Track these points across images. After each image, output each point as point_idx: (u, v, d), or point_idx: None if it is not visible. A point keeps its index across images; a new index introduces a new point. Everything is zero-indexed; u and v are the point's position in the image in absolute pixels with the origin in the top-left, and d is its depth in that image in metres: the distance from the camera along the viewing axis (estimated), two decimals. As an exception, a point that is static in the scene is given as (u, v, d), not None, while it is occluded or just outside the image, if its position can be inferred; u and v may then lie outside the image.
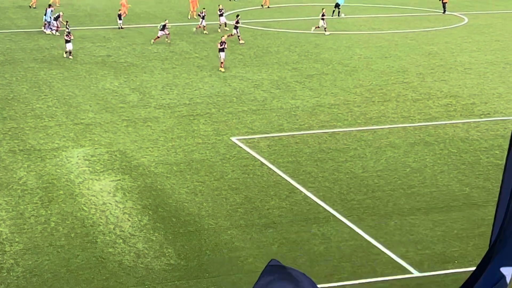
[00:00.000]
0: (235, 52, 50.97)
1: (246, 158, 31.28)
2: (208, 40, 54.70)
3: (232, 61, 48.12)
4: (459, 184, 28.13)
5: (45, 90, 41.42)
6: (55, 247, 23.59)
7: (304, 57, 49.05)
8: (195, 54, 50.07)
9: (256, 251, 23.30)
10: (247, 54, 50.32)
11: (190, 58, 48.93)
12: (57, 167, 30.34)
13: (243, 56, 49.72)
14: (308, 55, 49.77)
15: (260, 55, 50.00)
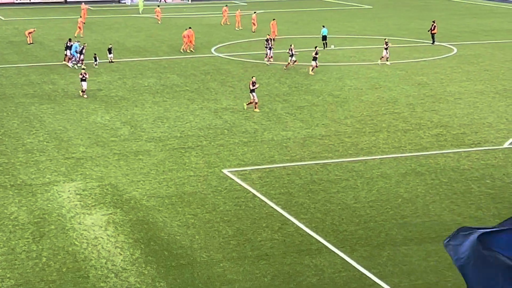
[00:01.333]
0: (226, 84, 51.15)
1: (238, 190, 31.24)
2: (199, 73, 54.89)
3: (222, 93, 48.30)
4: (451, 214, 28.00)
5: (36, 125, 41.43)
6: (47, 282, 23.48)
7: (294, 89, 49.19)
8: (185, 87, 50.17)
9: (249, 284, 23.22)
10: (238, 86, 50.43)
11: (181, 91, 49.03)
12: (48, 201, 30.27)
13: (233, 88, 49.84)
14: (299, 87, 49.90)
15: (248, 88, 50.12)
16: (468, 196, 30.46)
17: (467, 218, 27.55)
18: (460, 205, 29.33)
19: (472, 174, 32.78)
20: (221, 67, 57.68)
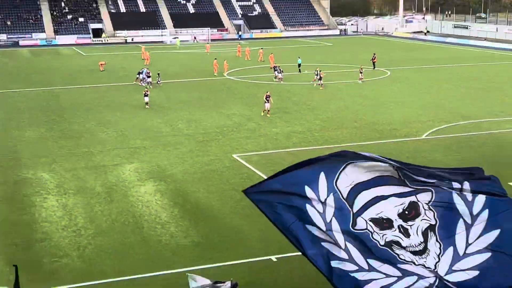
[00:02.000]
0: (234, 97, 51.15)
1: (243, 168, 31.27)
2: (216, 90, 54.85)
3: (232, 103, 48.28)
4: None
5: (107, 126, 41.50)
6: (115, 232, 23.53)
7: (281, 100, 49.16)
8: (207, 99, 50.24)
9: (252, 230, 23.27)
10: (242, 98, 50.46)
11: (204, 102, 49.08)
12: (115, 177, 30.33)
13: (240, 100, 49.89)
14: (284, 98, 49.88)
15: (251, 99, 50.11)
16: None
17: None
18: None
19: (403, 155, 32.73)
20: (231, 85, 57.76)
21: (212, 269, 20.51)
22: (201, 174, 30.51)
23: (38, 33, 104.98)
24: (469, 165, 31.07)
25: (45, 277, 20.05)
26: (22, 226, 24.35)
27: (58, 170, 31.74)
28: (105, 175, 30.66)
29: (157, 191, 28.19)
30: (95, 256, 21.50)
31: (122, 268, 20.65)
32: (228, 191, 27.94)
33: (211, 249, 21.91)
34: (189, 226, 24.04)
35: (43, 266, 20.88)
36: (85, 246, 22.34)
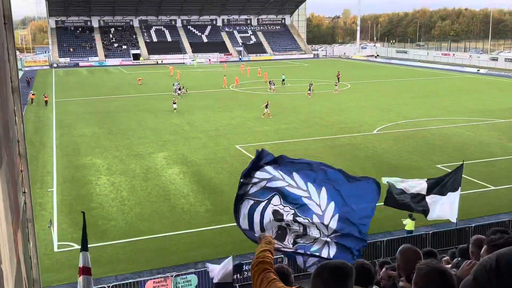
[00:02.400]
0: (237, 103, 51.01)
1: (243, 156, 31.29)
2: (223, 98, 54.69)
3: (235, 108, 48.18)
4: (348, 169, 27.91)
5: (144, 125, 41.41)
6: (150, 202, 23.58)
7: (271, 105, 49.10)
8: (217, 105, 50.05)
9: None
10: (242, 105, 50.36)
11: (214, 107, 48.92)
12: (150, 162, 30.33)
13: (240, 106, 49.77)
14: (274, 103, 49.83)
15: (248, 105, 50.04)
16: (356, 158, 30.54)
17: (356, 170, 27.56)
18: (353, 162, 29.37)
19: (359, 147, 32.90)
20: (235, 95, 57.58)
21: (221, 229, 20.58)
22: (213, 160, 30.53)
23: (93, 57, 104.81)
24: (409, 151, 31.27)
25: (99, 235, 20.12)
26: (83, 198, 24.39)
27: (107, 157, 31.73)
28: (143, 161, 30.65)
29: (181, 172, 28.21)
30: (135, 220, 21.55)
31: (155, 228, 20.71)
32: (232, 172, 27.96)
33: (220, 214, 21.98)
34: (204, 197, 24.09)
35: (98, 227, 20.94)
36: (128, 212, 22.39)
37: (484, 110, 45.41)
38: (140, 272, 17.26)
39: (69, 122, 43.31)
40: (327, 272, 2.97)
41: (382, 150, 32.07)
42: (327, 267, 3.01)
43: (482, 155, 30.61)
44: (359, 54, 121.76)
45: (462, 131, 37.13)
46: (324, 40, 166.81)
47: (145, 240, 19.68)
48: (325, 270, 2.99)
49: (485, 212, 21.76)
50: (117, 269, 17.52)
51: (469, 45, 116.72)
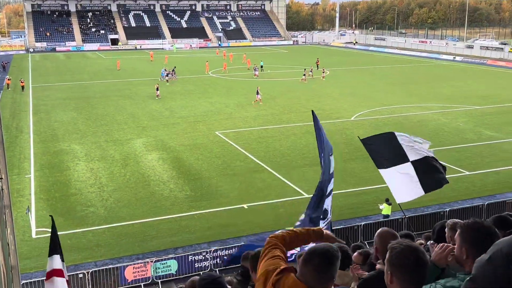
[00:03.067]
0: (216, 89, 50.77)
1: (223, 142, 31.26)
2: (203, 84, 54.36)
3: (214, 94, 47.97)
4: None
5: (123, 111, 40.99)
6: (129, 188, 23.43)
7: (250, 91, 49.02)
8: (196, 91, 49.74)
9: (229, 187, 23.36)
10: (221, 90, 50.17)
11: (194, 93, 48.60)
12: (129, 148, 30.09)
13: (220, 92, 49.58)
14: (253, 90, 49.72)
15: (229, 91, 49.88)
16: (334, 144, 30.46)
17: (335, 155, 27.66)
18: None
19: (337, 133, 33.06)
20: (215, 81, 57.27)
21: (200, 214, 20.59)
22: (192, 146, 30.42)
23: (70, 41, 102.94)
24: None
25: (78, 222, 19.97)
26: (61, 184, 24.12)
27: (86, 143, 31.37)
28: (121, 147, 30.39)
29: (160, 158, 28.06)
30: (114, 206, 21.42)
31: (134, 214, 20.62)
32: (212, 158, 27.93)
33: (200, 200, 21.99)
34: (184, 183, 24.03)
35: (76, 213, 20.77)
36: (107, 198, 22.23)
37: (460, 97, 46.04)
38: (119, 257, 17.20)
39: (47, 107, 42.60)
40: (317, 258, 3.08)
41: (360, 136, 32.30)
42: (316, 253, 3.11)
43: (457, 140, 31.11)
44: (338, 41, 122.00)
45: (438, 117, 37.62)
46: (303, 27, 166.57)
47: (124, 226, 19.59)
48: (315, 256, 3.09)
49: (459, 197, 22.18)
50: (97, 255, 17.43)
51: (446, 32, 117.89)
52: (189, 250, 17.34)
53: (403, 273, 3.00)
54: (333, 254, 3.10)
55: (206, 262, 16.27)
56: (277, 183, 23.83)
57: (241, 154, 28.67)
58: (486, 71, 66.65)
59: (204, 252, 16.44)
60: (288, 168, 25.87)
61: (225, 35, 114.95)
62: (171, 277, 16.00)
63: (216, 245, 17.66)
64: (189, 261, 16.16)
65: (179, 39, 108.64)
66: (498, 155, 28.26)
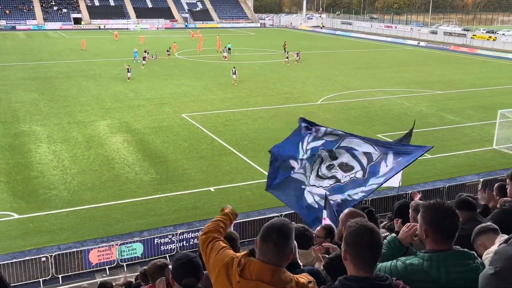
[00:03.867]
0: (183, 71, 50.19)
1: (189, 124, 31.04)
2: (170, 66, 53.66)
3: (181, 77, 47.44)
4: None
5: (86, 91, 40.12)
6: (93, 171, 23.06)
7: (218, 74, 48.75)
8: (162, 73, 49.07)
9: (195, 170, 23.26)
10: (189, 72, 49.65)
11: (160, 75, 47.91)
12: (93, 130, 29.54)
13: (187, 74, 49.05)
14: (221, 72, 49.45)
15: (196, 73, 49.40)
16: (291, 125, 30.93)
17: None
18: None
19: (304, 115, 33.05)
20: (182, 63, 56.59)
21: (166, 197, 20.47)
22: (158, 129, 30.08)
23: (31, 20, 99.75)
24: (351, 121, 31.98)
25: (40, 205, 19.57)
26: (22, 167, 23.52)
27: (48, 124, 30.62)
28: (85, 129, 29.80)
29: (125, 140, 27.67)
30: (78, 189, 21.06)
31: (99, 197, 20.34)
32: (178, 141, 27.72)
33: (165, 183, 21.84)
34: (149, 166, 23.80)
35: (38, 196, 20.33)
36: (70, 181, 21.83)
37: (423, 81, 46.92)
38: (84, 241, 16.96)
39: (6, 88, 41.27)
40: (275, 233, 3.13)
41: (326, 119, 32.60)
42: (273, 229, 3.16)
43: (420, 125, 31.73)
44: (305, 24, 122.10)
45: (402, 101, 38.28)
46: (271, 10, 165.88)
47: (89, 209, 19.30)
48: (273, 232, 3.14)
49: (421, 179, 22.74)
50: (60, 239, 17.15)
51: (411, 18, 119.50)
52: (155, 233, 17.25)
53: (355, 251, 3.06)
54: (288, 227, 3.16)
55: (172, 245, 16.23)
56: (244, 166, 23.87)
57: (208, 137, 28.55)
58: (449, 57, 68.05)
59: (170, 235, 16.39)
60: (255, 151, 25.92)
61: (192, 16, 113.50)
62: (137, 260, 15.91)
63: (183, 228, 17.63)
64: (154, 244, 16.09)
65: (144, 19, 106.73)
66: (458, 139, 29.04)
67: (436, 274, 3.24)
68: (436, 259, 3.28)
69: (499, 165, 24.63)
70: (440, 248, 3.33)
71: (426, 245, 3.42)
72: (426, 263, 3.29)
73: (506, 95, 41.37)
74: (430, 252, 3.34)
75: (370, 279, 3.02)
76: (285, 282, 3.11)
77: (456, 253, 3.33)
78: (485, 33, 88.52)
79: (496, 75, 52.03)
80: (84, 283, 13.53)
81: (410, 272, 3.28)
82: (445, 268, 3.25)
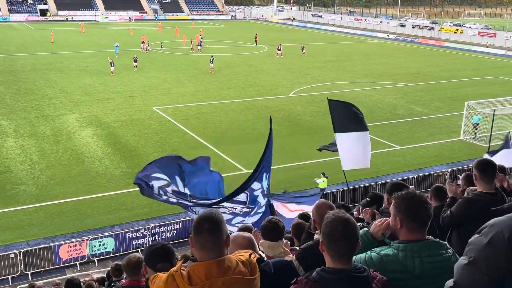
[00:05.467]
0: (154, 64, 49.63)
1: (161, 118, 30.78)
2: (140, 58, 53.02)
3: (152, 69, 46.90)
4: (264, 127, 28.41)
5: (53, 85, 39.32)
6: (62, 165, 22.68)
7: (188, 66, 48.40)
8: (132, 65, 48.37)
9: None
10: (159, 65, 49.12)
11: (130, 68, 47.21)
12: (61, 124, 29.01)
13: (157, 67, 48.52)
14: (193, 64, 49.10)
15: (166, 66, 48.92)
16: (273, 120, 30.99)
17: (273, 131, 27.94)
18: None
19: (275, 109, 33.32)
20: (152, 55, 55.90)
21: (137, 191, 20.25)
22: (128, 122, 29.74)
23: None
24: (323, 113, 32.19)
25: (8, 201, 19.18)
26: (-13, 162, 22.96)
27: (15, 118, 29.93)
28: (53, 122, 29.24)
29: (94, 134, 27.27)
30: (46, 184, 20.70)
31: (68, 192, 20.03)
32: (149, 134, 27.47)
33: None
34: (120, 160, 23.54)
35: (6, 192, 19.91)
36: (38, 176, 21.44)
37: (392, 74, 47.58)
38: (53, 236, 16.70)
39: (-30, 81, 40.17)
40: (207, 223, 3.08)
41: (298, 112, 32.81)
42: (203, 220, 3.11)
43: (390, 116, 32.26)
44: (276, 17, 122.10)
45: (372, 93, 38.76)
46: (241, 2, 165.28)
47: (58, 204, 18.99)
48: (204, 222, 3.10)
49: (391, 170, 23.13)
50: (29, 235, 16.84)
51: (380, 11, 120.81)
52: (127, 227, 17.10)
53: (332, 243, 3.09)
54: (218, 214, 3.16)
55: (144, 239, 16.13)
56: (217, 159, 23.79)
57: (180, 130, 28.37)
58: (417, 49, 69.14)
59: (142, 229, 16.28)
60: (227, 144, 25.89)
61: (162, 8, 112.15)
62: (108, 255, 15.76)
63: (155, 222, 17.52)
64: (126, 239, 15.96)
65: (113, 10, 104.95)
66: (427, 130, 29.61)
67: (411, 264, 3.28)
68: (410, 249, 3.32)
69: (466, 155, 25.24)
70: (414, 238, 3.38)
71: (400, 236, 3.46)
72: (401, 254, 3.32)
73: (473, 87, 42.34)
74: (404, 243, 3.37)
75: (347, 271, 3.05)
76: (233, 268, 3.09)
77: (430, 243, 3.38)
78: (452, 26, 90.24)
79: (463, 67, 53.16)
80: (56, 279, 13.34)
81: (386, 263, 3.31)
82: (419, 258, 3.29)
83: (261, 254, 4.01)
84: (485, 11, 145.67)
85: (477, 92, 39.32)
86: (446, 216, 5.41)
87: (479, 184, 5.37)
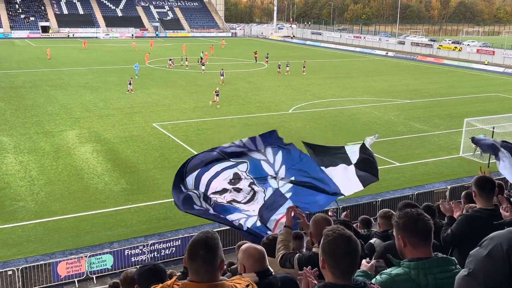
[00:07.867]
0: (153, 81, 49.84)
1: (161, 134, 30.80)
2: (139, 74, 53.25)
3: (151, 86, 47.08)
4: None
5: (54, 101, 39.43)
6: (62, 182, 22.64)
7: (189, 83, 48.57)
8: (133, 82, 48.45)
9: (167, 179, 23.06)
10: (159, 82, 49.30)
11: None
12: (61, 140, 29.03)
13: (157, 83, 48.71)
14: (192, 80, 49.27)
15: (166, 83, 49.12)
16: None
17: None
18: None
19: (275, 125, 33.33)
20: (152, 72, 56.16)
21: (137, 207, 20.23)
22: (128, 138, 29.76)
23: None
24: (322, 129, 32.28)
25: (7, 217, 19.10)
26: (-13, 178, 22.91)
27: (15, 134, 29.96)
28: (53, 138, 29.26)
29: (94, 150, 27.28)
30: (46, 200, 20.64)
31: (67, 208, 19.97)
32: (148, 150, 27.47)
33: (136, 193, 21.60)
34: (119, 176, 23.50)
35: (5, 208, 19.84)
36: (37, 192, 21.39)
37: (391, 91, 47.76)
38: (52, 253, 16.60)
39: (-29, 97, 40.29)
40: (201, 249, 3.03)
41: (298, 128, 32.85)
42: (198, 245, 3.05)
43: (389, 133, 32.30)
44: (275, 34, 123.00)
45: (371, 110, 38.87)
46: (241, 19, 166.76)
47: (57, 220, 18.91)
48: (199, 249, 3.04)
49: (390, 187, 23.08)
50: (27, 251, 16.74)
51: (379, 28, 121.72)
52: (125, 244, 17.00)
53: (333, 260, 3.08)
54: (213, 238, 3.07)
55: (143, 256, 16.03)
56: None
57: (180, 146, 28.38)
58: (416, 66, 69.50)
59: (141, 246, 16.19)
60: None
61: (162, 25, 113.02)
62: (107, 272, 15.65)
63: (154, 238, 17.43)
64: (125, 255, 15.86)
65: (114, 28, 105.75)
66: (426, 147, 29.62)
67: (424, 281, 3.27)
68: (422, 266, 3.32)
69: (466, 172, 25.21)
70: (422, 256, 3.38)
71: (406, 255, 3.45)
72: (413, 272, 3.31)
73: (472, 104, 42.48)
74: (414, 261, 3.37)
75: (348, 287, 3.05)
76: None
77: (440, 260, 3.39)
78: (451, 44, 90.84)
79: (462, 85, 53.39)
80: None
81: (398, 283, 3.29)
82: (432, 275, 3.29)
83: (269, 267, 4.02)
84: (483, 28, 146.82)
85: (476, 109, 39.44)
86: (447, 235, 5.38)
87: (478, 201, 5.38)
